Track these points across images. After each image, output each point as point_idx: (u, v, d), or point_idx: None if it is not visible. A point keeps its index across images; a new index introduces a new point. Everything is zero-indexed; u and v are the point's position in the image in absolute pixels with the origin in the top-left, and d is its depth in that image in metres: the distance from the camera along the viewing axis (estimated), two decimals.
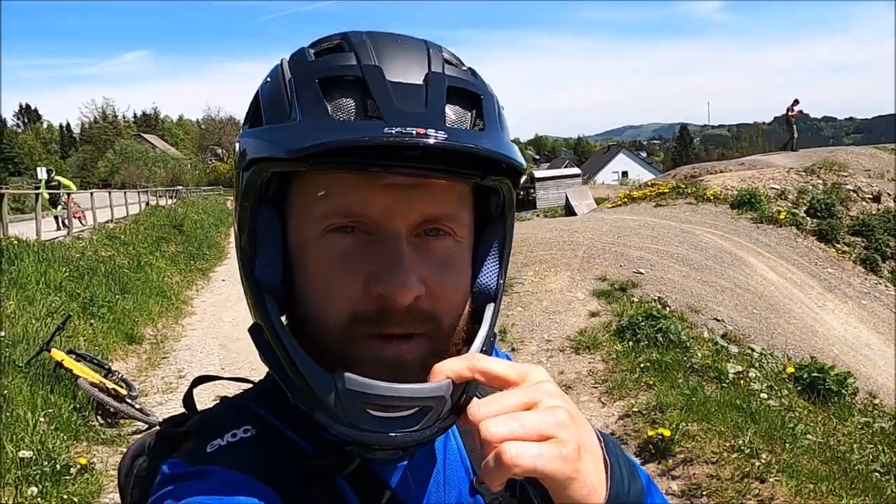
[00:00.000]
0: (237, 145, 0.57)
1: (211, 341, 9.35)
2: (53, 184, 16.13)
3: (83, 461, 4.45)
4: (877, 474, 3.41)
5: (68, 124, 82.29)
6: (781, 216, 9.86)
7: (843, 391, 4.81)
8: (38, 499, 3.78)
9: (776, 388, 4.73)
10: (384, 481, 0.59)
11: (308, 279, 0.54)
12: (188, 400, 0.64)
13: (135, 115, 79.97)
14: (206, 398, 1.00)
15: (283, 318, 0.56)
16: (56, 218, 15.09)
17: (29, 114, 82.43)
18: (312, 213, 0.54)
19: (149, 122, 79.81)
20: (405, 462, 0.60)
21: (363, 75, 0.51)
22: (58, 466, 4.24)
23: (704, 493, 3.18)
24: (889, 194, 11.60)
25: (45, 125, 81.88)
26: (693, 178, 14.21)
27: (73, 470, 4.30)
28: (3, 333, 6.01)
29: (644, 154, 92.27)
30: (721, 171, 14.04)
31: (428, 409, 0.51)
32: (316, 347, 0.53)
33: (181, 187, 38.68)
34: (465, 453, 0.65)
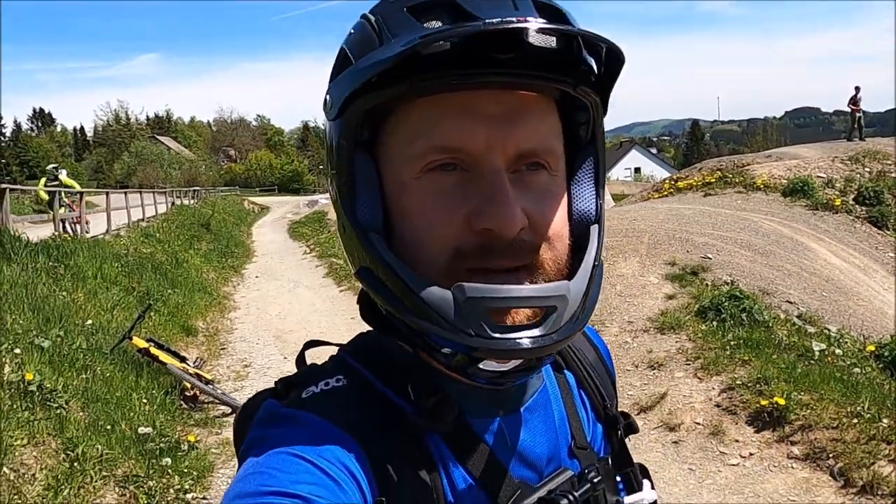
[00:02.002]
0: (326, 98, 0.57)
1: (263, 333, 9.47)
2: (55, 183, 13.86)
3: (192, 438, 4.60)
4: None
5: (82, 127, 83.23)
6: (837, 203, 9.93)
7: None
8: (170, 469, 3.92)
9: (860, 364, 4.82)
10: (480, 437, 0.58)
11: (408, 220, 0.54)
12: (300, 361, 0.64)
13: (148, 118, 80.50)
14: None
15: None
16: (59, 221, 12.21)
17: (43, 118, 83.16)
18: (410, 154, 0.53)
19: (162, 124, 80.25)
20: (505, 419, 0.60)
21: None
22: (171, 442, 4.39)
23: (830, 455, 3.28)
24: None
25: (58, 128, 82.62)
26: (720, 170, 14.23)
27: (184, 446, 4.45)
28: (90, 322, 6.17)
29: (654, 150, 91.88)
30: (748, 165, 14.04)
31: (552, 310, 0.51)
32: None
33: (200, 188, 38.99)
34: (567, 419, 0.65)
